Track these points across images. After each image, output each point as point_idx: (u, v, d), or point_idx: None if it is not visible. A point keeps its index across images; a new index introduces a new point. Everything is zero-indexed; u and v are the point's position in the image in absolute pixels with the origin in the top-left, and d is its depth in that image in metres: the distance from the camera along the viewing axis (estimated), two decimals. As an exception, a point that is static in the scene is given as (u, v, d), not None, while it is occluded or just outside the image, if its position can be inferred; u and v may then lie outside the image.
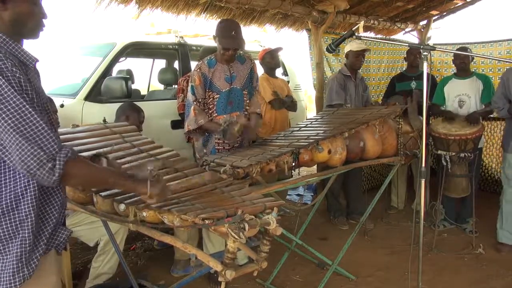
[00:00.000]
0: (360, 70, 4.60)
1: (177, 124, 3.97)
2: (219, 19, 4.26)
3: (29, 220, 1.35)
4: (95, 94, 3.60)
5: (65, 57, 4.48)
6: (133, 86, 4.36)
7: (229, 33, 2.84)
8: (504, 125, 3.96)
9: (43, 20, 1.45)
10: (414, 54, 4.50)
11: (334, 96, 4.07)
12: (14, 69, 1.29)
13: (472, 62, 4.49)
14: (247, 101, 3.10)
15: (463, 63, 4.08)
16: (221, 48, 2.89)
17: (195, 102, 2.94)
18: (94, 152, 1.79)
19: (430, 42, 5.87)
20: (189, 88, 3.01)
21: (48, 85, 1.52)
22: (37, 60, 1.43)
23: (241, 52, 3.10)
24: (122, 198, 1.75)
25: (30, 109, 1.28)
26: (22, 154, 1.26)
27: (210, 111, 2.99)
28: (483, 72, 5.09)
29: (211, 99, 2.98)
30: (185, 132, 3.05)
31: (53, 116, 1.52)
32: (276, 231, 1.60)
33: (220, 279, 1.52)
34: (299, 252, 3.32)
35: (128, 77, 3.90)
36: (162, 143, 2.35)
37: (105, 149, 2.03)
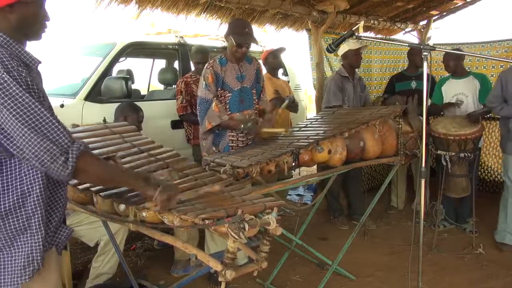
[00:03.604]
0: (362, 70, 4.60)
1: (177, 124, 3.97)
2: (228, 19, 4.32)
3: (35, 217, 1.38)
4: (95, 94, 3.60)
5: (65, 57, 4.48)
6: (133, 86, 4.36)
7: (242, 30, 2.92)
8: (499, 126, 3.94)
9: (46, 22, 1.47)
10: (417, 55, 4.48)
11: (331, 97, 4.08)
12: (20, 68, 1.31)
13: (468, 60, 4.49)
14: (256, 99, 3.19)
15: (447, 65, 4.12)
16: (234, 45, 2.94)
17: (215, 99, 2.96)
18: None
19: (430, 42, 5.87)
20: (201, 86, 3.02)
21: (48, 85, 1.53)
22: (40, 62, 1.45)
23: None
24: (122, 198, 1.75)
25: (39, 106, 1.30)
26: (35, 149, 1.29)
27: None
28: (477, 70, 5.10)
29: (223, 97, 3.03)
30: (205, 130, 3.02)
31: None
32: (276, 231, 1.60)
33: (220, 279, 1.52)
34: (299, 252, 3.32)
35: (128, 77, 3.89)
36: (162, 143, 2.35)
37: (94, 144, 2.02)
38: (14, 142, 1.30)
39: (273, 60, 4.23)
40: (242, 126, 2.90)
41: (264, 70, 4.14)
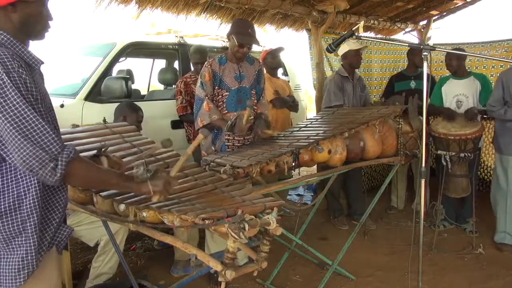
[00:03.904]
0: (362, 70, 4.58)
1: (177, 124, 3.97)
2: (228, 19, 4.31)
3: (31, 220, 1.37)
4: (95, 94, 3.60)
5: (65, 57, 4.48)
6: (133, 86, 4.36)
7: (245, 30, 2.92)
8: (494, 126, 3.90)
9: (49, 22, 1.47)
10: (417, 55, 4.46)
11: (332, 97, 4.07)
12: (20, 70, 1.31)
13: (468, 60, 4.47)
14: (255, 100, 3.17)
15: (449, 65, 4.08)
16: (235, 45, 2.94)
17: (207, 97, 2.97)
18: (93, 152, 1.80)
19: (430, 42, 5.87)
20: (198, 84, 3.04)
21: (48, 85, 1.53)
22: (42, 63, 1.45)
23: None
24: (122, 198, 1.75)
25: (32, 110, 1.29)
26: (24, 154, 1.28)
27: (220, 108, 3.02)
28: (477, 70, 5.09)
29: (220, 96, 3.03)
30: (197, 128, 3.04)
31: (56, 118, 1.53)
32: (276, 231, 1.60)
33: (220, 279, 1.52)
34: (299, 252, 3.32)
35: (128, 77, 3.89)
36: (162, 143, 2.35)
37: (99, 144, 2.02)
38: (5, 145, 1.30)
39: (272, 60, 4.22)
40: (227, 125, 2.83)
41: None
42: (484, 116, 4.06)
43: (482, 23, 20.94)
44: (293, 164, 2.51)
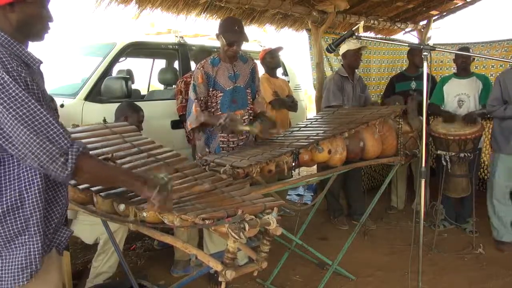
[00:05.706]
0: (361, 70, 4.56)
1: (177, 124, 3.97)
2: (220, 19, 4.28)
3: (34, 218, 1.37)
4: (95, 94, 3.60)
5: (65, 57, 4.48)
6: (133, 86, 4.36)
7: (232, 28, 2.88)
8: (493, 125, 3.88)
9: (49, 23, 1.46)
10: (417, 55, 4.46)
11: (331, 97, 4.07)
12: (19, 69, 1.30)
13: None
14: (251, 99, 3.13)
15: (464, 62, 4.08)
16: (224, 44, 2.90)
17: (196, 100, 2.95)
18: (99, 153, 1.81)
19: (430, 42, 5.87)
20: (190, 86, 3.02)
21: (48, 85, 1.54)
22: (41, 62, 1.45)
23: (242, 53, 3.12)
24: (122, 198, 1.75)
25: (39, 106, 1.29)
26: (34, 149, 1.28)
27: (214, 110, 2.99)
28: (476, 69, 5.09)
29: (215, 97, 3.00)
30: (188, 130, 3.03)
31: (57, 116, 1.53)
32: (276, 231, 1.60)
33: (220, 279, 1.52)
34: (299, 252, 3.32)
35: (128, 77, 3.89)
36: (162, 143, 2.35)
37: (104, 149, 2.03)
38: (13, 143, 1.29)
39: (271, 59, 4.21)
40: (218, 123, 2.78)
41: (262, 70, 4.12)
42: (489, 116, 4.06)
43: (482, 23, 20.95)
44: (293, 164, 2.51)
